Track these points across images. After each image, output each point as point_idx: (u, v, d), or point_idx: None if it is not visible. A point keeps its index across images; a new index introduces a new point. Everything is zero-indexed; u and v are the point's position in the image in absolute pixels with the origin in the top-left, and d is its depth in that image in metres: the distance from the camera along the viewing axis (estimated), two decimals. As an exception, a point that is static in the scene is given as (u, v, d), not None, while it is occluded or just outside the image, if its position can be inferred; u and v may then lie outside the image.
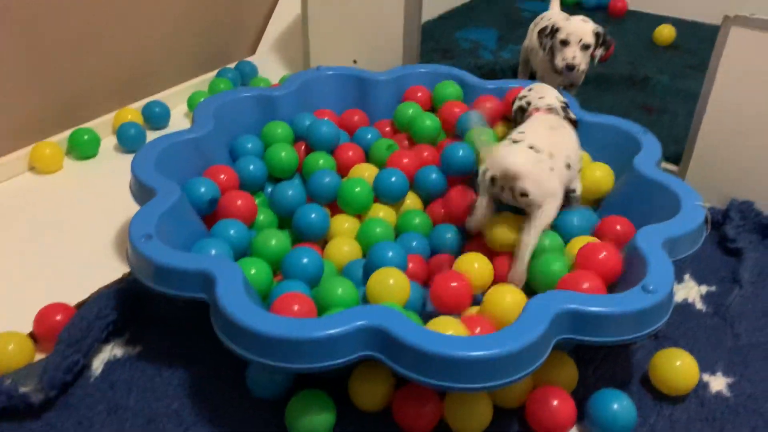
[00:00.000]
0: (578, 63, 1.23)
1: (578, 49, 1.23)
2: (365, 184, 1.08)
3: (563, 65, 1.23)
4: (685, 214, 0.94)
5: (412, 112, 1.25)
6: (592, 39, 1.24)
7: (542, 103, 1.07)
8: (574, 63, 1.22)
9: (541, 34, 1.30)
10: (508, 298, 0.83)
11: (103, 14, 1.41)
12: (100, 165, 1.38)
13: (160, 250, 0.85)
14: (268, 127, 1.21)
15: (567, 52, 1.23)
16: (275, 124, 1.21)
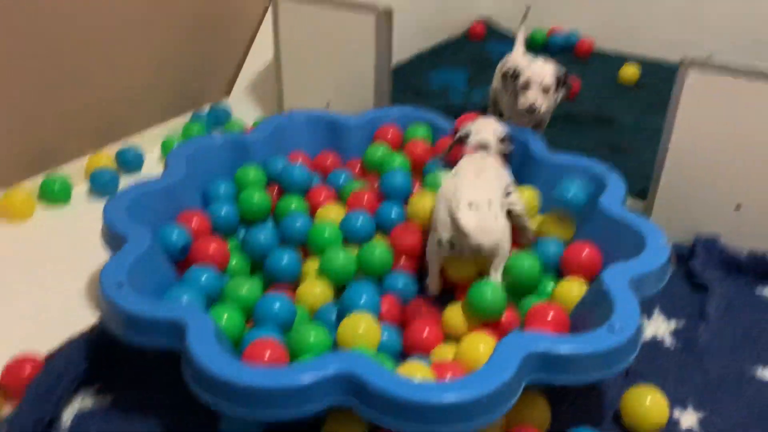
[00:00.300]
0: (539, 105, 1.27)
1: (539, 92, 1.27)
2: (333, 226, 1.09)
3: (525, 107, 1.27)
4: (650, 253, 0.96)
5: (381, 153, 1.27)
6: (553, 81, 1.28)
7: (475, 140, 1.13)
8: (535, 106, 1.26)
9: (505, 78, 1.34)
10: (481, 347, 0.84)
11: (76, 59, 1.42)
12: (72, 211, 1.37)
13: (131, 299, 0.85)
14: (241, 171, 1.22)
15: (529, 95, 1.27)
16: (248, 168, 1.23)
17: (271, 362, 0.81)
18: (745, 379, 0.99)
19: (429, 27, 2.13)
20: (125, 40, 1.52)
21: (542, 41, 2.20)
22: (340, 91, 1.55)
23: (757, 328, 1.08)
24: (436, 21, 2.16)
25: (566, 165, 1.19)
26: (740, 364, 1.01)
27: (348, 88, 1.53)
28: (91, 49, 1.45)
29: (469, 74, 1.95)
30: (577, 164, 1.18)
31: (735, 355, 1.03)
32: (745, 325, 1.09)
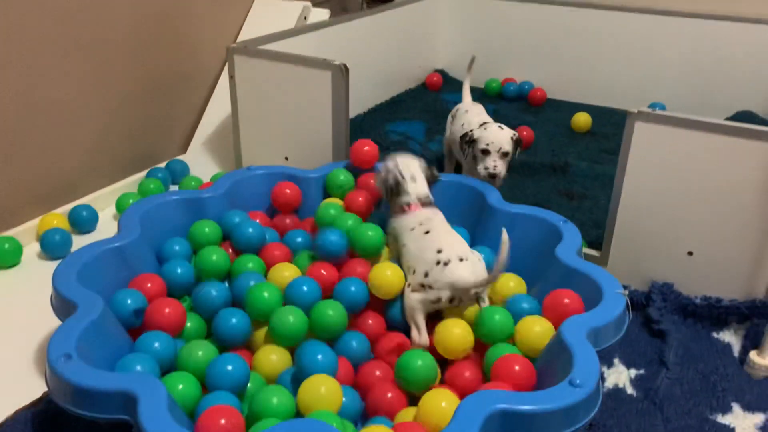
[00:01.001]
0: (499, 171, 1.29)
1: (498, 158, 1.30)
2: (273, 289, 1.04)
3: (485, 174, 1.30)
4: (607, 303, 0.97)
5: (334, 212, 1.25)
6: (511, 146, 1.31)
7: (415, 193, 1.14)
8: (495, 172, 1.29)
9: (462, 141, 1.36)
10: (443, 403, 0.83)
11: (26, 117, 1.40)
12: (22, 274, 1.33)
13: (79, 371, 0.81)
14: (195, 227, 1.20)
15: (488, 161, 1.30)
16: (202, 224, 1.20)
17: (227, 429, 0.78)
18: (707, 427, 0.99)
19: (387, 80, 2.16)
20: (79, 99, 1.50)
21: (497, 90, 2.26)
22: (298, 145, 1.56)
23: (715, 373, 1.09)
24: (394, 73, 2.20)
25: (522, 215, 1.20)
26: (701, 411, 1.02)
27: (306, 143, 1.54)
28: (43, 110, 1.43)
29: (427, 125, 1.98)
30: (534, 215, 1.20)
31: (695, 402, 1.03)
32: (703, 370, 1.10)
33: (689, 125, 1.15)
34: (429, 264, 1.04)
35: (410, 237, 1.10)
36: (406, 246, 1.10)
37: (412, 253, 1.08)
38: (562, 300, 0.99)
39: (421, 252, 1.06)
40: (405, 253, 1.10)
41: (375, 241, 1.13)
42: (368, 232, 1.13)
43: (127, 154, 1.66)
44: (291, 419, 0.83)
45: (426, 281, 1.03)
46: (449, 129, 1.56)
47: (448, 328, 0.98)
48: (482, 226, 1.24)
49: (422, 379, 0.91)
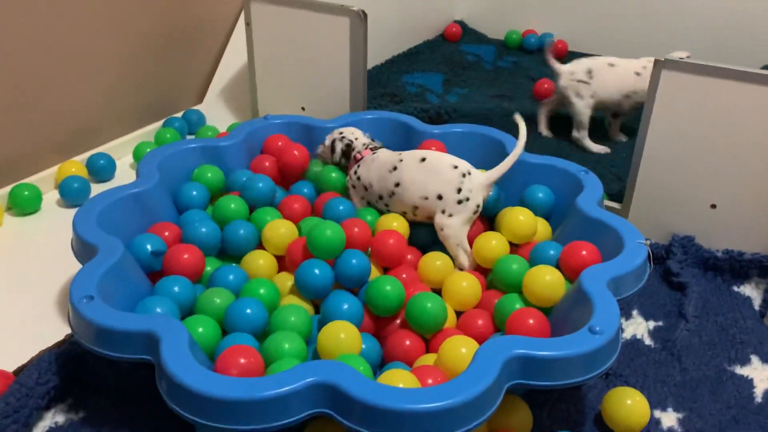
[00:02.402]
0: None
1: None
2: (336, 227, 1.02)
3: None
4: (628, 253, 0.96)
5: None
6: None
7: (362, 143, 1.20)
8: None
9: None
10: (463, 349, 0.83)
11: (45, 65, 1.39)
12: (42, 221, 1.34)
13: (101, 312, 0.82)
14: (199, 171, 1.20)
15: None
16: (206, 169, 1.21)
17: (246, 368, 0.79)
18: (725, 377, 0.99)
19: (405, 30, 2.12)
20: (95, 48, 1.49)
21: (518, 42, 2.21)
22: (314, 95, 1.54)
23: (734, 326, 1.09)
24: (412, 24, 2.16)
25: (543, 165, 1.18)
26: (719, 362, 1.02)
27: (323, 94, 1.52)
28: (60, 58, 1.42)
29: (445, 77, 1.94)
30: (554, 165, 1.18)
31: (713, 353, 1.03)
32: (722, 323, 1.09)
33: (718, 74, 1.12)
34: (453, 181, 1.05)
35: (402, 174, 1.09)
36: (402, 185, 1.09)
37: (416, 185, 1.08)
38: (579, 252, 0.98)
39: (432, 178, 1.07)
40: (401, 192, 1.09)
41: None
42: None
43: (144, 104, 1.65)
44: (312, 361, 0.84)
45: (461, 196, 1.04)
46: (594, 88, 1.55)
47: (457, 280, 0.99)
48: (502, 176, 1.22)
49: (432, 321, 0.91)
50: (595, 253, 0.97)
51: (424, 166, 1.08)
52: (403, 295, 0.95)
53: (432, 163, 1.08)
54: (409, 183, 1.09)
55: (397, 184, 1.10)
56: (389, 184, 1.11)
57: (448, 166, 1.07)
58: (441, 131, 1.30)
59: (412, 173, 1.08)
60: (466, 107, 1.67)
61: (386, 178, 1.11)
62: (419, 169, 1.08)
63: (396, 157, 1.12)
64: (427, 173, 1.07)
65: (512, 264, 1.01)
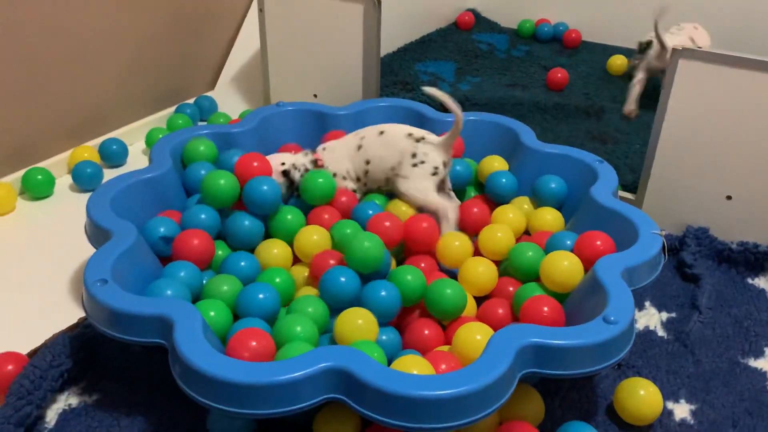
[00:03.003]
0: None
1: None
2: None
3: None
4: (642, 243, 0.95)
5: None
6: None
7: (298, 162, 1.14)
8: None
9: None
10: (478, 336, 0.83)
11: (58, 52, 1.39)
12: (54, 205, 1.34)
13: (116, 295, 0.82)
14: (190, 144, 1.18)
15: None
16: (197, 142, 1.18)
17: (257, 351, 0.79)
18: (738, 369, 0.98)
19: (417, 18, 2.11)
20: (109, 34, 1.49)
21: (531, 31, 2.20)
22: (327, 82, 1.53)
23: (749, 318, 1.08)
24: (425, 12, 2.14)
25: (557, 155, 1.18)
26: (732, 354, 1.01)
27: (335, 81, 1.51)
28: (74, 44, 1.42)
29: (457, 65, 1.93)
30: (568, 155, 1.17)
31: (727, 345, 1.03)
32: (736, 315, 1.08)
33: (736, 63, 1.11)
34: (408, 148, 1.10)
35: (368, 152, 1.13)
36: (372, 161, 1.13)
37: (381, 158, 1.13)
38: (593, 242, 0.98)
39: (392, 148, 1.11)
40: (372, 168, 1.14)
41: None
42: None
43: (156, 90, 1.65)
44: (326, 346, 0.84)
45: (415, 160, 1.10)
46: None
47: (474, 265, 0.99)
48: (515, 165, 1.21)
49: (452, 306, 0.91)
50: (609, 243, 0.97)
51: (383, 139, 1.13)
52: (424, 285, 0.94)
53: (389, 134, 1.13)
54: (377, 158, 1.13)
55: (368, 161, 1.14)
56: (361, 163, 1.15)
57: (403, 136, 1.12)
58: (453, 119, 1.28)
59: (375, 149, 1.13)
60: (479, 96, 1.66)
61: (356, 158, 1.15)
62: (380, 144, 1.13)
63: (356, 137, 1.16)
64: (387, 145, 1.13)
65: (527, 251, 1.00)
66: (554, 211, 1.12)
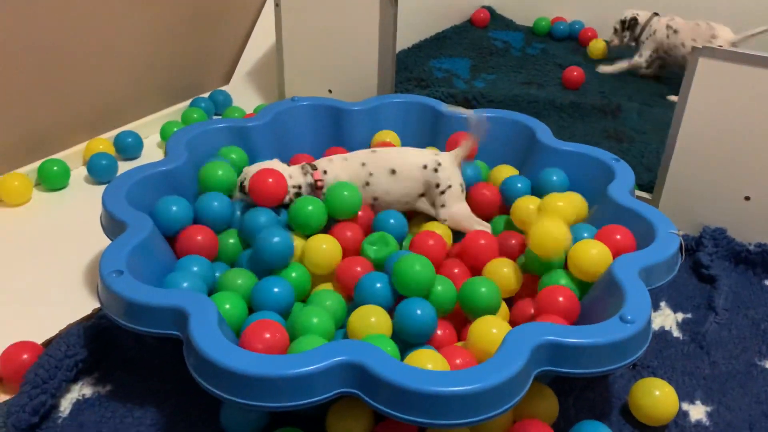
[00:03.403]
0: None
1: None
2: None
3: None
4: (660, 242, 0.94)
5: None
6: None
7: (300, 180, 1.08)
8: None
9: None
10: (493, 329, 0.82)
11: (74, 44, 1.40)
12: (70, 196, 1.35)
13: (131, 286, 0.82)
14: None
15: None
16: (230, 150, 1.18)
17: (270, 343, 0.79)
18: (755, 371, 0.97)
19: (432, 15, 2.10)
20: (125, 27, 1.49)
21: (546, 29, 2.18)
22: (342, 79, 1.53)
23: (766, 320, 1.07)
24: (440, 9, 2.13)
25: (573, 153, 1.17)
26: (749, 356, 1.00)
27: (350, 77, 1.51)
28: (90, 37, 1.42)
29: (472, 62, 1.92)
30: (585, 153, 1.16)
31: (743, 347, 1.02)
32: (753, 317, 1.07)
33: (756, 62, 1.09)
34: (429, 180, 1.08)
35: (377, 189, 1.09)
36: (380, 198, 1.10)
37: (395, 193, 1.09)
38: (613, 236, 0.97)
39: (408, 185, 1.09)
40: (381, 201, 1.10)
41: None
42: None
43: (172, 83, 1.65)
44: (341, 340, 0.83)
45: (442, 188, 1.08)
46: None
47: (499, 266, 0.97)
48: (531, 163, 1.21)
49: (485, 305, 0.90)
50: (629, 238, 0.96)
51: (396, 179, 1.09)
52: (455, 297, 0.93)
53: (402, 173, 1.09)
54: (385, 194, 1.10)
55: (375, 198, 1.10)
56: (367, 198, 1.10)
57: (417, 169, 1.08)
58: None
59: (386, 186, 1.09)
60: (494, 93, 1.65)
61: (361, 192, 1.08)
62: (391, 182, 1.09)
63: (364, 171, 1.09)
64: (400, 182, 1.09)
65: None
66: (579, 198, 1.09)
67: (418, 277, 0.88)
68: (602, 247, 0.93)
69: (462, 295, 0.92)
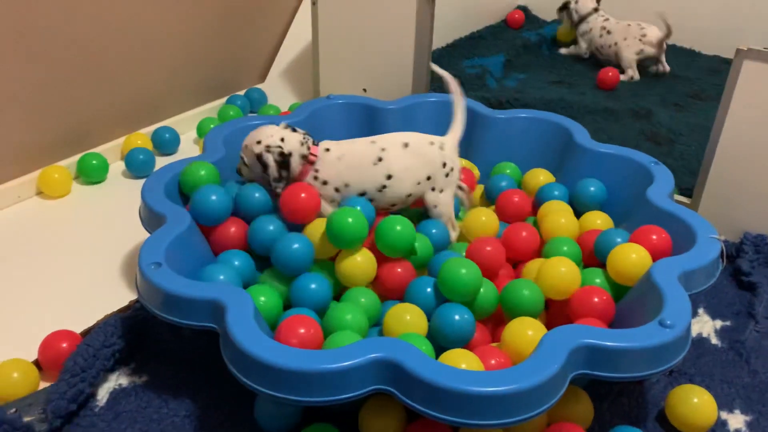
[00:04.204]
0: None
1: None
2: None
3: None
4: (700, 247, 0.92)
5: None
6: None
7: (295, 144, 1.03)
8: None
9: None
10: (529, 331, 0.82)
11: (114, 41, 1.42)
12: (108, 190, 1.37)
13: (169, 279, 0.84)
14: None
15: None
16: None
17: (305, 339, 0.80)
18: (796, 382, 0.95)
19: (467, 15, 2.09)
20: (163, 25, 1.51)
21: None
22: (377, 78, 1.53)
23: (808, 330, 1.04)
24: (475, 9, 2.12)
25: (611, 155, 1.15)
26: (790, 366, 0.98)
27: (385, 76, 1.51)
28: (129, 35, 1.44)
29: (506, 58, 1.91)
30: (623, 155, 1.15)
31: (785, 356, 0.99)
32: (795, 326, 1.05)
33: (804, 66, 1.07)
34: (437, 158, 1.04)
35: (392, 165, 1.02)
36: (395, 176, 1.02)
37: (409, 171, 1.03)
38: (649, 236, 0.95)
39: (420, 160, 1.03)
40: (393, 184, 1.02)
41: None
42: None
43: (208, 81, 1.67)
44: (377, 337, 0.84)
45: (446, 170, 1.04)
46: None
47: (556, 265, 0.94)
48: (567, 165, 1.19)
49: (528, 308, 0.89)
50: (665, 239, 0.94)
51: (410, 151, 1.03)
52: (496, 300, 0.93)
53: (415, 145, 1.04)
54: (402, 171, 1.02)
55: (389, 176, 1.02)
56: (378, 178, 1.02)
57: (427, 145, 1.05)
58: (506, 116, 1.27)
59: (402, 161, 1.02)
60: (527, 97, 1.63)
61: (371, 172, 1.02)
62: (407, 156, 1.03)
63: (374, 148, 1.03)
64: (415, 157, 1.03)
65: (563, 246, 0.99)
66: (603, 215, 1.09)
67: (464, 281, 0.87)
68: (642, 251, 0.91)
69: (504, 297, 0.91)
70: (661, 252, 0.94)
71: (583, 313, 0.88)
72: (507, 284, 0.92)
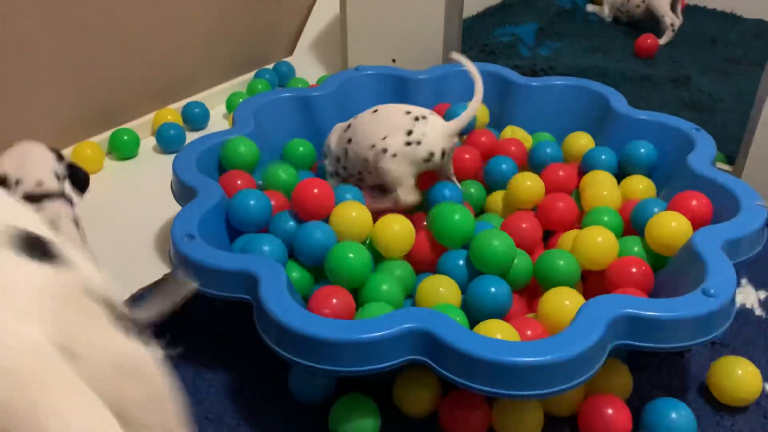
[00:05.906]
0: None
1: None
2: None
3: None
4: (744, 215, 0.89)
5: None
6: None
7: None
8: None
9: None
10: (566, 302, 0.80)
11: (143, 17, 1.41)
12: (140, 165, 1.38)
13: (203, 250, 0.84)
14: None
15: None
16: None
17: (337, 309, 0.79)
18: None
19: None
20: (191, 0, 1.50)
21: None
22: (406, 48, 1.50)
23: None
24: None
25: (651, 122, 1.12)
26: (838, 337, 0.94)
27: (415, 46, 1.48)
28: (158, 9, 1.44)
29: (538, 28, 1.86)
30: (663, 122, 1.11)
31: (832, 328, 0.96)
32: (843, 296, 1.01)
33: None
34: (402, 124, 0.98)
35: (355, 129, 1.02)
36: (353, 138, 1.02)
37: (365, 134, 1.00)
38: (689, 202, 0.92)
39: (382, 124, 0.99)
40: (352, 147, 1.02)
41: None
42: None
43: (236, 55, 1.66)
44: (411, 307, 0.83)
45: (411, 138, 0.97)
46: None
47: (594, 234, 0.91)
48: (605, 133, 1.16)
49: (563, 278, 0.87)
50: (706, 205, 0.91)
51: (376, 116, 1.01)
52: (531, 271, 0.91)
53: (384, 111, 1.01)
54: (361, 135, 1.01)
55: (350, 140, 1.03)
56: (343, 143, 1.04)
57: (399, 112, 1.00)
58: (540, 84, 1.24)
59: (363, 125, 1.02)
60: (562, 65, 1.59)
61: (342, 137, 1.05)
62: (370, 120, 1.02)
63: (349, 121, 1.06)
64: (377, 121, 1.00)
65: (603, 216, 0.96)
66: (645, 179, 1.06)
67: (498, 254, 0.86)
68: (682, 220, 0.89)
69: (539, 267, 0.89)
70: (701, 217, 0.91)
71: (620, 285, 0.86)
72: (541, 254, 0.90)
